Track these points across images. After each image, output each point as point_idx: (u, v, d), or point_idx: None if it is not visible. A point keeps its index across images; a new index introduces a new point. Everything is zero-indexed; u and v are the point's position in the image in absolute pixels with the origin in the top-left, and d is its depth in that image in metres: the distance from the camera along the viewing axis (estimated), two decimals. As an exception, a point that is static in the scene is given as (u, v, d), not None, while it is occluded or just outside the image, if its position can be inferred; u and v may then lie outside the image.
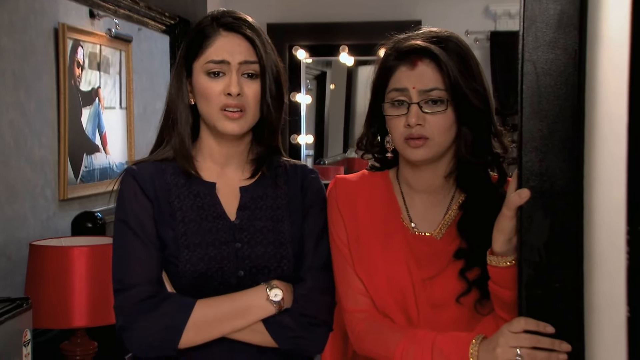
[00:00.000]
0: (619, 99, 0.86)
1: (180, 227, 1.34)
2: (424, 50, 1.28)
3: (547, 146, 1.06)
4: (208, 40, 1.34)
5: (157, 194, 1.36)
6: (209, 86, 1.34)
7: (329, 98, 5.78)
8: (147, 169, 1.38)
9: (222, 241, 1.35)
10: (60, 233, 2.90)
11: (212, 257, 1.34)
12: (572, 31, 1.03)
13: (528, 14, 1.05)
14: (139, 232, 1.33)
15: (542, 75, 1.05)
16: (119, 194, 1.38)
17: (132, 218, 1.34)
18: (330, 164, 5.65)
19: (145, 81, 3.92)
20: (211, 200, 1.38)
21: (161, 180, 1.37)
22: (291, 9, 4.57)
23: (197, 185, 1.38)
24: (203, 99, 1.35)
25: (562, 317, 1.08)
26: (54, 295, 2.33)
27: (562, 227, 1.07)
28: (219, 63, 1.33)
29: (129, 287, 1.32)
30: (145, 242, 1.33)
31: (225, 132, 1.35)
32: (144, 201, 1.35)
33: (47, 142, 2.93)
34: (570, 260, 1.07)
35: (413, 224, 1.35)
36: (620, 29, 0.88)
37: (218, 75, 1.34)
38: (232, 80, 1.33)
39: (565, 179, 1.06)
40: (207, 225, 1.35)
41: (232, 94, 1.32)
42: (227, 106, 1.33)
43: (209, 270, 1.33)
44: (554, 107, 1.05)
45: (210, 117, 1.35)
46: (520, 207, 1.11)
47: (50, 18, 2.95)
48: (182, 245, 1.33)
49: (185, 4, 3.86)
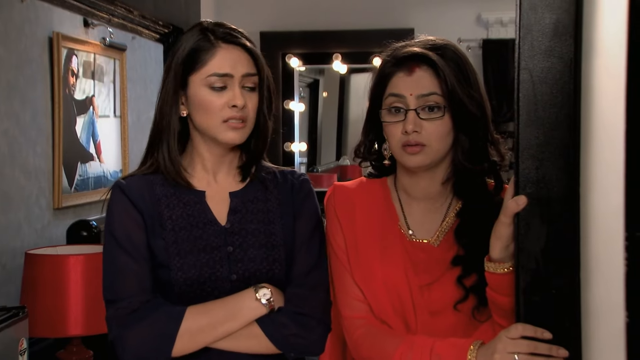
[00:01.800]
0: (615, 106, 0.87)
1: (171, 236, 1.34)
2: (421, 56, 1.29)
3: (543, 153, 1.07)
4: (207, 53, 1.33)
5: (147, 206, 1.36)
6: (211, 99, 1.34)
7: (322, 106, 5.79)
8: (135, 182, 1.38)
9: (213, 246, 1.35)
10: (55, 242, 2.89)
11: (204, 263, 1.34)
12: (568, 40, 1.04)
13: (524, 23, 1.06)
14: (127, 245, 1.34)
15: (538, 84, 1.06)
16: (108, 208, 1.38)
17: (121, 232, 1.34)
18: (323, 172, 5.66)
19: (139, 89, 3.92)
20: (201, 207, 1.38)
21: (150, 193, 1.37)
22: (284, 17, 4.59)
23: (187, 194, 1.39)
24: (203, 112, 1.35)
25: (560, 324, 1.09)
26: (49, 303, 2.32)
27: (559, 233, 1.08)
28: (222, 76, 1.33)
29: (120, 299, 1.32)
30: (134, 255, 1.33)
31: (226, 142, 1.36)
32: (133, 214, 1.35)
33: (42, 150, 2.92)
34: (567, 266, 1.08)
35: (411, 231, 1.36)
36: (615, 37, 0.89)
37: (221, 89, 1.34)
38: (237, 94, 1.33)
39: (562, 186, 1.07)
40: (198, 231, 1.36)
41: (238, 106, 1.33)
42: (232, 118, 1.34)
43: (201, 277, 1.33)
44: (550, 115, 1.07)
45: (210, 129, 1.35)
46: (517, 214, 1.12)
47: (45, 27, 2.95)
48: (172, 253, 1.34)
49: (179, 12, 3.87)
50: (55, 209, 3.00)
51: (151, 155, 1.41)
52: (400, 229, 1.36)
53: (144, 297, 1.32)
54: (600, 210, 0.98)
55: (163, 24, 3.69)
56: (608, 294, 0.94)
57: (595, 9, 1.00)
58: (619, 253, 0.85)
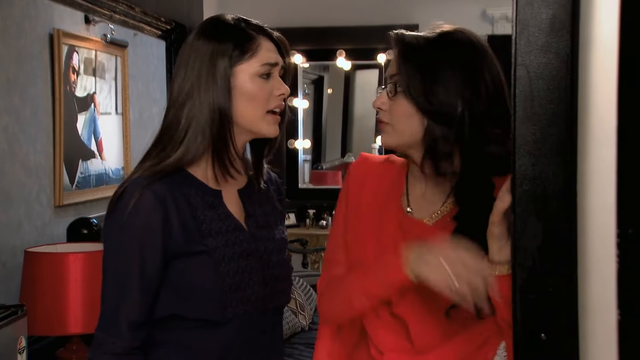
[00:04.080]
0: (609, 102, 0.86)
1: (211, 242, 1.31)
2: (396, 38, 1.31)
3: (540, 150, 1.06)
4: (254, 43, 1.32)
5: (181, 211, 1.30)
6: (262, 87, 1.32)
7: (327, 103, 5.78)
8: (163, 187, 1.28)
9: (248, 253, 1.35)
10: (56, 239, 2.89)
11: (243, 268, 1.33)
12: (564, 35, 1.03)
13: (520, 18, 1.05)
14: (137, 267, 1.27)
15: (534, 80, 1.05)
16: (132, 216, 1.26)
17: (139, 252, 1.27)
18: (327, 169, 5.65)
19: (141, 86, 3.92)
20: (223, 210, 1.35)
21: (179, 194, 1.30)
22: (288, 14, 4.58)
23: (205, 193, 1.34)
24: (248, 102, 1.31)
25: (557, 321, 1.08)
26: (49, 302, 2.32)
27: (556, 231, 1.07)
28: (274, 65, 1.33)
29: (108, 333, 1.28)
30: (142, 285, 1.28)
31: (267, 135, 1.35)
32: (156, 230, 1.27)
33: (42, 147, 2.92)
34: (564, 264, 1.06)
35: (409, 208, 1.38)
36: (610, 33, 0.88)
37: (268, 77, 1.33)
38: (281, 83, 1.34)
39: (559, 182, 1.06)
40: (231, 237, 1.33)
41: (285, 94, 1.34)
42: (278, 107, 1.34)
43: (242, 282, 1.32)
44: (547, 111, 1.05)
45: (255, 119, 1.32)
46: (513, 211, 1.11)
47: (45, 24, 2.95)
48: (218, 260, 1.30)
49: (181, 9, 3.86)
50: (56, 207, 3.00)
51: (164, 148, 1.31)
52: (402, 204, 1.38)
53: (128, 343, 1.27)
54: (597, 207, 0.97)
55: (165, 20, 3.69)
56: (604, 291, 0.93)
57: (591, 3, 0.98)
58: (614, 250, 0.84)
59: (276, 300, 1.39)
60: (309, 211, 4.94)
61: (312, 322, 3.68)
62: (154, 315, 1.30)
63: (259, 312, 1.35)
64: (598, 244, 0.96)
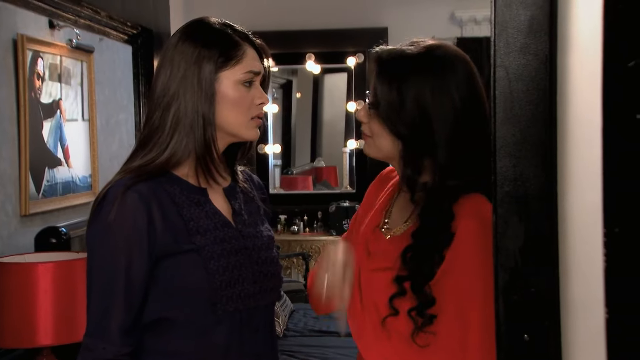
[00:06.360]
0: (589, 102, 0.87)
1: (199, 239, 1.30)
2: (375, 57, 1.35)
3: (520, 151, 1.07)
4: (239, 50, 1.33)
5: (169, 211, 1.29)
6: (245, 95, 1.34)
7: (296, 107, 5.76)
8: (148, 187, 1.28)
9: (237, 249, 1.34)
10: (22, 250, 2.82)
11: (233, 265, 1.32)
12: (543, 36, 1.04)
13: (499, 20, 1.05)
14: (122, 277, 1.25)
15: (514, 81, 1.05)
16: (116, 218, 1.24)
17: (123, 257, 1.25)
18: (298, 174, 5.63)
19: (107, 92, 3.85)
20: (210, 207, 1.35)
21: (163, 194, 1.30)
22: (255, 17, 4.55)
23: (191, 192, 1.34)
24: (232, 108, 1.32)
25: (540, 322, 1.08)
26: (17, 313, 2.26)
27: (537, 231, 1.07)
28: (257, 74, 1.35)
29: (98, 339, 1.26)
30: (128, 290, 1.25)
31: (248, 139, 1.38)
32: (143, 232, 1.25)
33: (7, 155, 2.85)
34: (546, 264, 1.07)
35: (387, 219, 1.40)
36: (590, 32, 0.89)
37: (250, 85, 1.35)
38: (262, 92, 1.37)
39: (540, 183, 1.06)
40: (219, 234, 1.33)
41: (265, 102, 1.36)
42: (259, 116, 1.36)
43: (232, 279, 1.31)
44: (527, 112, 1.06)
45: (237, 125, 1.34)
46: (495, 212, 1.11)
47: (9, 29, 2.88)
48: (207, 257, 1.29)
49: (147, 13, 3.81)
50: (22, 216, 2.93)
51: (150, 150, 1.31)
52: (384, 214, 1.42)
53: (118, 349, 1.26)
54: (579, 207, 0.97)
55: (131, 25, 3.63)
56: (588, 290, 0.93)
57: (569, 4, 0.99)
58: (598, 250, 0.84)
59: (267, 298, 1.38)
60: (280, 217, 4.91)
61: (287, 329, 3.65)
62: (143, 320, 1.28)
63: (250, 310, 1.34)
64: (580, 243, 0.97)
